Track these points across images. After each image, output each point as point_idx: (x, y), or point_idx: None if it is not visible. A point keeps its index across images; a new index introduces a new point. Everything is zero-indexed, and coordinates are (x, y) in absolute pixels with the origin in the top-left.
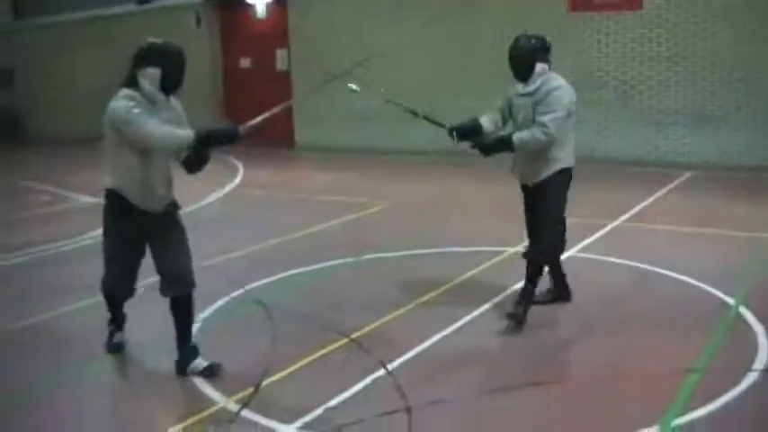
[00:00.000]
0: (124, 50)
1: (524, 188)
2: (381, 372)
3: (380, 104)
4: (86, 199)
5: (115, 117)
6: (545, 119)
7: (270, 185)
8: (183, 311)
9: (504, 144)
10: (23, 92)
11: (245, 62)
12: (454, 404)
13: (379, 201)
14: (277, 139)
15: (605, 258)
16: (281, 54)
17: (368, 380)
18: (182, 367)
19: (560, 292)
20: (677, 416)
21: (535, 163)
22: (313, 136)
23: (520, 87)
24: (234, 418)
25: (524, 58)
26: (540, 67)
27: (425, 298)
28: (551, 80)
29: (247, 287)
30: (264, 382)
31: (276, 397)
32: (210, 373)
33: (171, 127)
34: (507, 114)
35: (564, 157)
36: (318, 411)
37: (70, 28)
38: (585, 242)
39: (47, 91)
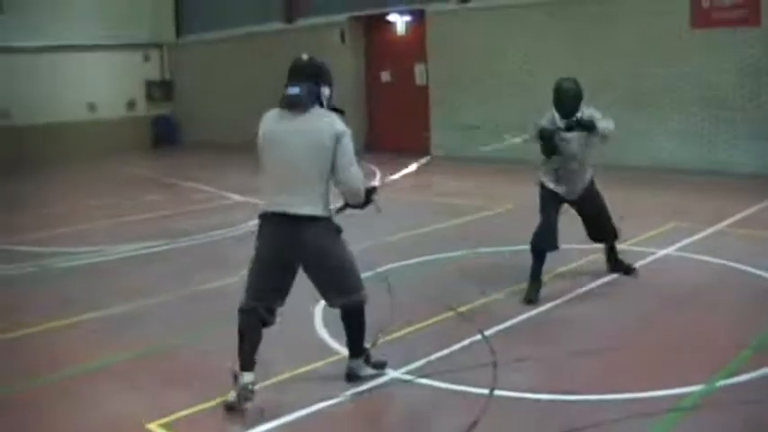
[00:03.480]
0: (273, 65)
1: (562, 201)
2: (478, 337)
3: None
4: (237, 197)
5: (346, 135)
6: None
7: (403, 189)
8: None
9: (592, 126)
10: (183, 102)
11: (385, 76)
12: (535, 361)
13: (503, 204)
14: (414, 148)
15: (699, 257)
16: (419, 69)
17: (466, 342)
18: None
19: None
20: (723, 379)
21: (581, 177)
22: (448, 146)
23: (561, 123)
24: None
25: (577, 99)
26: (581, 103)
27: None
28: (583, 109)
29: (376, 270)
30: (380, 341)
31: (388, 352)
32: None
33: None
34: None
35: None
36: (422, 362)
37: (224, 44)
38: (684, 242)
39: (203, 101)
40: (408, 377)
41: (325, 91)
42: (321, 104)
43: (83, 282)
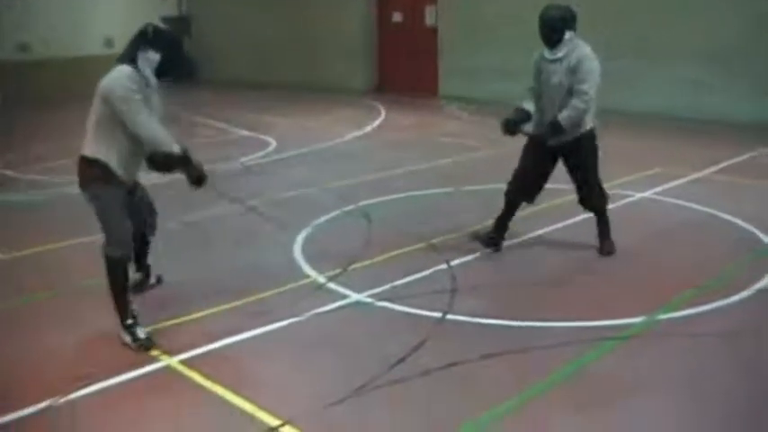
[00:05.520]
0: (288, 4)
1: (547, 149)
2: (444, 266)
3: (522, 60)
4: (244, 132)
5: (113, 94)
6: (584, 87)
7: (404, 128)
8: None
9: (556, 128)
10: (199, 39)
11: (396, 17)
12: (492, 290)
13: (498, 146)
14: (422, 89)
15: (675, 201)
16: (429, 10)
17: (431, 270)
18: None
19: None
20: (664, 313)
21: None
22: (456, 87)
23: (548, 53)
24: (320, 287)
25: (555, 27)
26: (568, 34)
27: None
28: (580, 47)
29: (359, 204)
30: (350, 267)
31: (357, 277)
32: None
33: (162, 131)
34: (538, 81)
35: (591, 118)
36: (386, 287)
37: None
38: (664, 186)
39: (219, 38)
40: (369, 300)
41: (149, 54)
42: (132, 63)
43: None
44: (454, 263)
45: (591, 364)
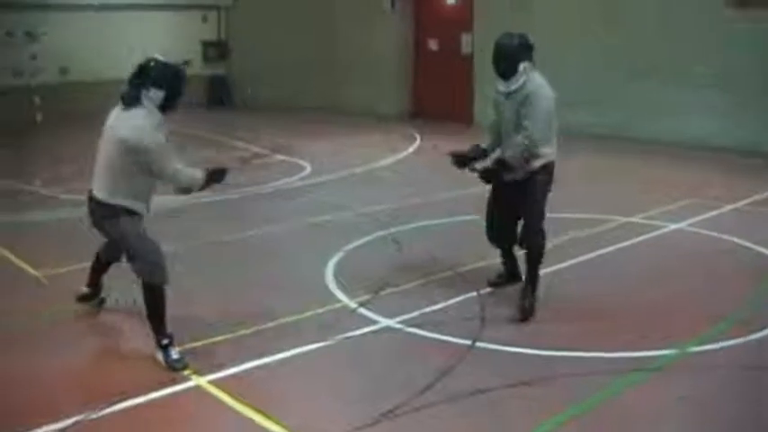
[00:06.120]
0: (324, 28)
1: (503, 184)
2: (474, 294)
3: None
4: (279, 157)
5: (140, 146)
6: (526, 123)
7: (438, 155)
8: None
9: (501, 166)
10: (236, 63)
11: (433, 44)
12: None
13: None
14: (457, 116)
15: (708, 233)
16: (465, 38)
17: (460, 298)
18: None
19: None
20: (692, 345)
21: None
22: (491, 115)
23: (502, 86)
24: (351, 312)
25: (509, 57)
26: (522, 66)
27: None
28: (532, 80)
29: (392, 229)
30: (382, 293)
31: (387, 303)
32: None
33: (188, 174)
34: (498, 116)
35: (548, 153)
36: (415, 314)
37: (277, 5)
38: (698, 218)
39: (253, 62)
40: (399, 326)
41: (152, 93)
42: (139, 104)
43: None
44: (483, 291)
45: (618, 394)
